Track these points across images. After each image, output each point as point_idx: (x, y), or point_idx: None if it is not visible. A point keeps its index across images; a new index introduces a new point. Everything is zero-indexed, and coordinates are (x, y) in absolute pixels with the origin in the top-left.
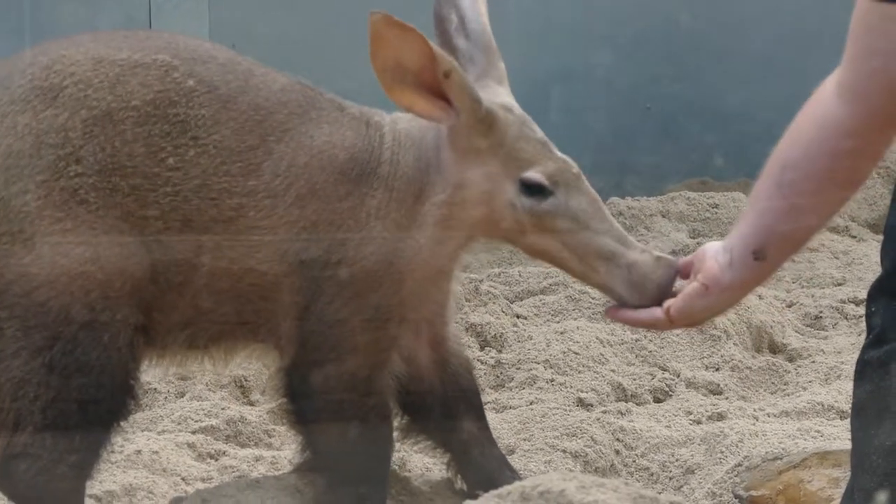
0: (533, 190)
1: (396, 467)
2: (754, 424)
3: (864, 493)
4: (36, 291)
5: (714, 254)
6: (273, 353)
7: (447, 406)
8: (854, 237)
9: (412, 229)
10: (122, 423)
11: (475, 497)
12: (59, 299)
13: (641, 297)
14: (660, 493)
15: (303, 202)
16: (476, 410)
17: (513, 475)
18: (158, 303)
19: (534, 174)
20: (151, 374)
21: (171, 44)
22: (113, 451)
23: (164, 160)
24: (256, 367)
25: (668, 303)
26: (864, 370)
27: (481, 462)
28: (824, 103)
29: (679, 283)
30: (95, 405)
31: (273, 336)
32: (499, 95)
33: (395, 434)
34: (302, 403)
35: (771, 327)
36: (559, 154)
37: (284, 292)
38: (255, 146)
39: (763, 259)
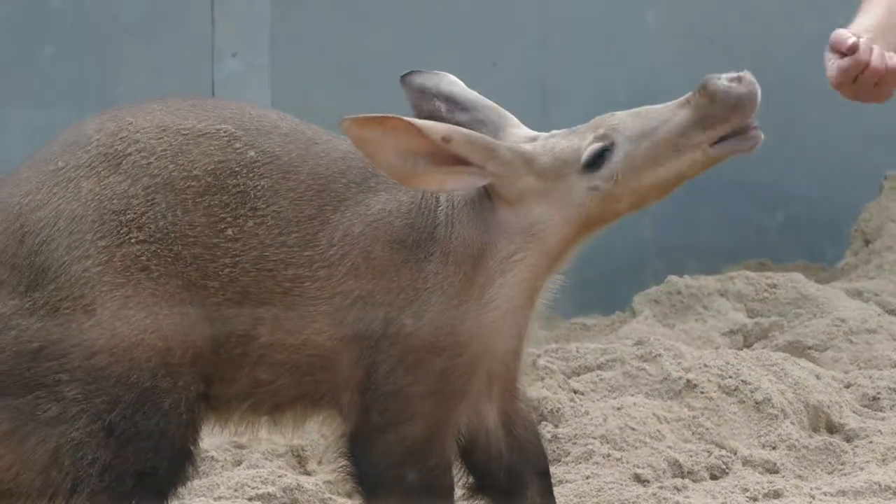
0: (598, 161)
1: None
2: (811, 503)
3: None
4: (96, 357)
5: None
6: (337, 419)
7: (512, 472)
8: None
9: (474, 291)
10: (178, 490)
11: None
12: (119, 365)
13: (736, 115)
14: None
15: (358, 271)
16: (541, 480)
17: None
18: (219, 373)
19: (587, 152)
20: (208, 441)
21: (237, 113)
22: None
23: (224, 231)
24: (314, 436)
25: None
26: None
27: None
28: None
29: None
30: (153, 470)
31: (335, 405)
32: (522, 136)
33: (459, 496)
34: (364, 467)
35: (828, 407)
36: (588, 123)
37: (343, 362)
38: (312, 216)
39: None
